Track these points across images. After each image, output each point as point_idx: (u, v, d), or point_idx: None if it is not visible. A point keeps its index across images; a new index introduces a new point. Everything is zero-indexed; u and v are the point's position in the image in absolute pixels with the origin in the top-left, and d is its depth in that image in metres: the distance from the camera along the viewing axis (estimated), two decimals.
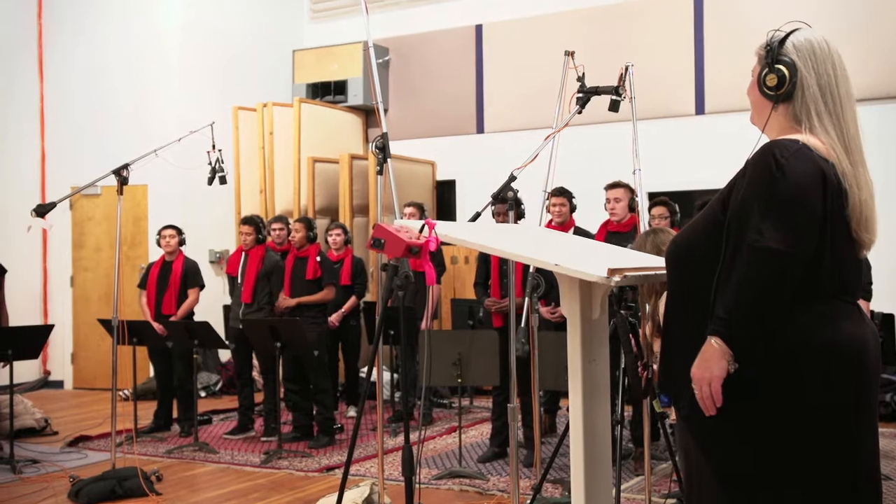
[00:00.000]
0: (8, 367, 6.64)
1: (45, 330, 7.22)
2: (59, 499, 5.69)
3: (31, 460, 6.67)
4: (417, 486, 2.78)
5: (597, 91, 4.28)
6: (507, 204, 3.85)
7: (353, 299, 7.91)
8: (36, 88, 10.72)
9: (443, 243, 2.70)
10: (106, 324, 6.91)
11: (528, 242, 3.00)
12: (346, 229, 8.16)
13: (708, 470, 2.29)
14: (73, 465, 6.56)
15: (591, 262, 2.69)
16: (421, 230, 2.49)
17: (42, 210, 5.60)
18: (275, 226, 7.86)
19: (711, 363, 2.16)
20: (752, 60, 2.44)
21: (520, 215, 5.81)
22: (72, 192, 6.90)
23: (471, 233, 2.84)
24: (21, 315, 7.46)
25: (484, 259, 6.38)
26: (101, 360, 10.23)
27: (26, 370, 10.08)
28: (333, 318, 7.67)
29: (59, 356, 10.62)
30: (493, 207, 4.19)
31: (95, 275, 10.55)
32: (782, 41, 2.31)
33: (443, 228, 2.55)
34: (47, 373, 10.73)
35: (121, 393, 7.49)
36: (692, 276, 2.33)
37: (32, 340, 6.90)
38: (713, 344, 2.17)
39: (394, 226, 2.52)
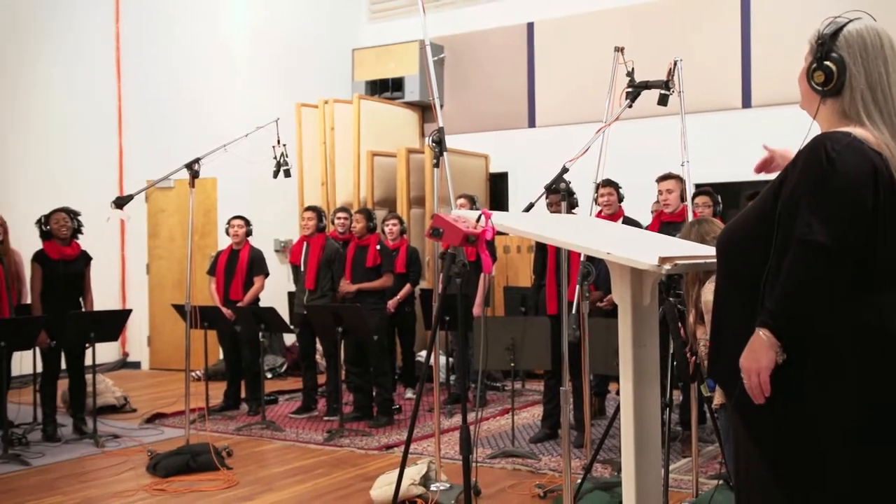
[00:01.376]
0: (91, 348, 6.79)
1: (124, 314, 7.34)
2: (139, 471, 5.80)
3: (113, 435, 6.82)
4: (474, 464, 2.78)
5: (647, 85, 4.22)
6: (560, 195, 3.81)
7: (407, 287, 7.91)
8: (114, 89, 10.90)
9: (498, 233, 2.69)
10: (179, 309, 7.02)
11: (581, 232, 2.97)
12: (401, 220, 8.18)
13: (757, 455, 2.24)
14: (150, 440, 6.69)
15: (641, 250, 2.66)
16: (478, 220, 2.48)
17: (121, 202, 5.70)
18: (339, 215, 7.91)
19: (760, 354, 2.11)
20: (800, 53, 2.36)
21: (572, 206, 5.75)
22: (147, 186, 7.01)
23: (525, 222, 2.82)
24: (102, 300, 7.59)
25: (541, 248, 6.34)
26: (174, 343, 10.40)
27: (107, 352, 10.29)
28: (390, 305, 7.69)
29: (137, 339, 10.82)
30: (546, 198, 4.15)
31: (169, 263, 10.73)
32: (834, 34, 2.22)
33: (498, 218, 2.54)
34: (126, 354, 10.94)
35: (193, 374, 7.61)
36: (742, 266, 2.27)
37: (113, 324, 7.02)
38: (761, 335, 2.12)
39: (451, 216, 2.51)
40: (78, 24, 10.46)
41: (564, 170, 3.87)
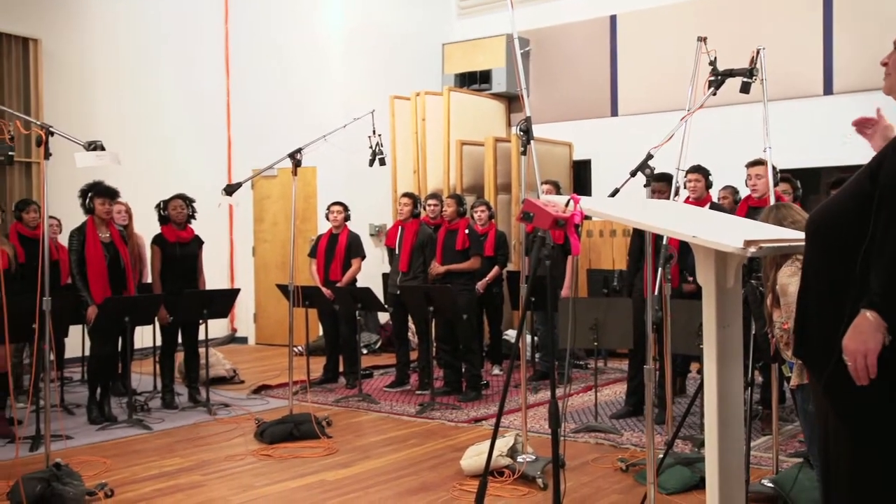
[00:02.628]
0: (204, 324, 7.00)
1: (233, 293, 7.54)
2: (247, 437, 5.97)
3: (223, 404, 7.02)
4: (562, 437, 2.77)
5: (731, 73, 4.11)
6: (663, 182, 3.74)
7: (496, 269, 7.88)
8: (223, 85, 11.18)
9: (585, 217, 2.66)
10: (283, 289, 7.17)
11: (666, 216, 2.92)
12: (489, 205, 8.14)
13: (847, 436, 2.14)
14: (257, 409, 6.86)
15: (726, 233, 2.60)
16: (567, 204, 2.45)
17: (230, 189, 5.85)
18: (430, 202, 7.94)
19: (867, 336, 2.00)
20: (883, 39, 2.26)
21: (677, 192, 5.66)
22: (253, 174, 7.16)
23: (612, 207, 2.78)
24: (212, 281, 7.82)
25: (638, 233, 6.24)
26: (278, 320, 10.65)
27: (218, 328, 10.60)
28: (479, 286, 7.69)
29: (244, 316, 11.10)
30: (648, 187, 4.08)
31: (273, 246, 10.96)
32: None
33: (587, 203, 2.51)
34: (234, 330, 11.24)
35: (296, 349, 7.76)
36: (833, 248, 2.18)
37: (223, 302, 7.21)
38: (868, 317, 2.01)
39: (541, 200, 2.49)
40: (191, 27, 10.74)
41: (649, 156, 3.80)
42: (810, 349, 2.22)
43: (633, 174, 3.82)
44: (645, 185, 3.82)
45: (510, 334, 9.28)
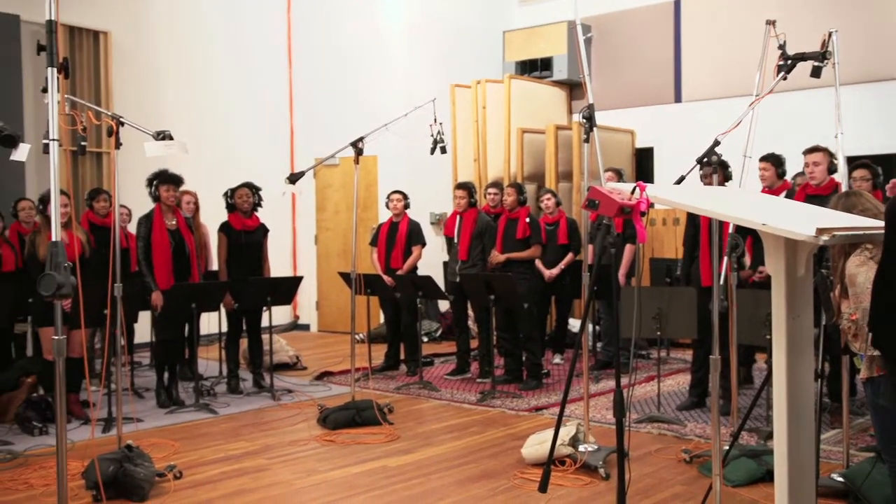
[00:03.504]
0: (268, 311, 7.10)
1: (297, 281, 7.63)
2: (310, 423, 6.05)
3: (287, 390, 7.13)
4: (628, 428, 2.74)
5: (803, 57, 3.99)
6: (712, 167, 3.67)
7: (570, 256, 7.75)
8: (286, 74, 11.30)
9: (650, 205, 2.62)
10: (345, 276, 7.22)
11: (735, 203, 2.86)
12: (555, 193, 8.09)
13: None
14: (319, 395, 6.96)
15: (796, 221, 2.54)
16: (632, 192, 2.42)
17: (294, 178, 5.91)
18: (490, 191, 7.92)
19: None
20: None
21: (726, 178, 5.54)
22: (316, 163, 7.23)
23: (679, 194, 2.73)
24: (276, 268, 7.93)
25: (692, 221, 6.14)
26: (340, 308, 10.76)
27: (281, 314, 10.77)
28: (552, 273, 7.62)
29: (307, 303, 11.24)
30: (700, 171, 4.00)
31: (335, 234, 11.06)
32: None
33: (653, 190, 2.47)
34: (297, 317, 11.39)
35: (357, 336, 7.83)
36: None
37: (286, 289, 7.30)
38: None
39: (607, 188, 2.46)
40: (254, 18, 10.88)
41: (716, 143, 3.73)
42: (888, 340, 2.16)
43: (700, 161, 3.75)
44: (713, 172, 3.74)
45: (572, 323, 9.22)
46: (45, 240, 5.87)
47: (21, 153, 3.43)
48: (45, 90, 2.51)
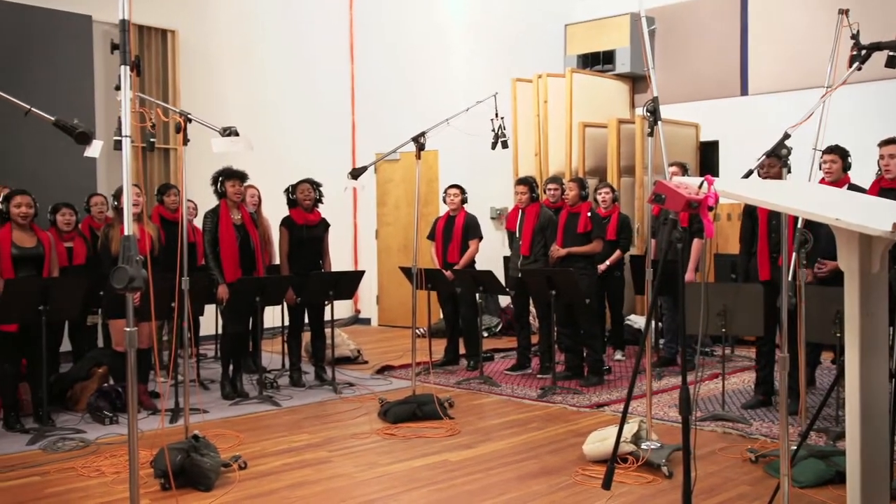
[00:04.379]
0: (330, 305, 7.18)
1: (358, 275, 7.68)
2: (371, 416, 6.10)
3: (348, 383, 7.20)
4: (694, 426, 2.70)
5: (878, 47, 3.87)
6: (781, 160, 3.58)
7: (618, 252, 7.78)
8: (347, 70, 11.40)
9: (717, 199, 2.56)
10: (406, 271, 7.27)
11: (805, 197, 2.79)
12: (613, 188, 8.03)
13: None
14: (380, 389, 7.01)
15: (871, 216, 2.46)
16: (700, 186, 2.38)
17: (356, 173, 5.95)
18: (550, 186, 7.88)
19: None
20: None
21: (788, 171, 5.40)
22: (378, 158, 7.27)
23: (748, 188, 2.68)
24: (337, 263, 8.01)
25: (749, 215, 6.02)
26: (400, 302, 10.82)
27: (342, 309, 10.88)
28: (600, 268, 7.59)
29: (367, 297, 11.33)
30: (758, 164, 3.90)
31: (395, 229, 11.13)
32: None
33: (721, 184, 2.43)
34: (358, 311, 11.49)
35: (418, 330, 7.86)
36: None
37: (348, 284, 7.37)
38: None
39: (674, 182, 2.43)
40: (317, 15, 11.00)
41: (786, 136, 3.64)
42: None
43: (769, 155, 3.67)
44: (783, 166, 3.65)
45: (632, 319, 9.12)
46: (117, 234, 6.03)
47: (94, 150, 3.53)
48: (118, 88, 2.57)
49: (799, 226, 4.55)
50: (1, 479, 4.65)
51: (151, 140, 4.82)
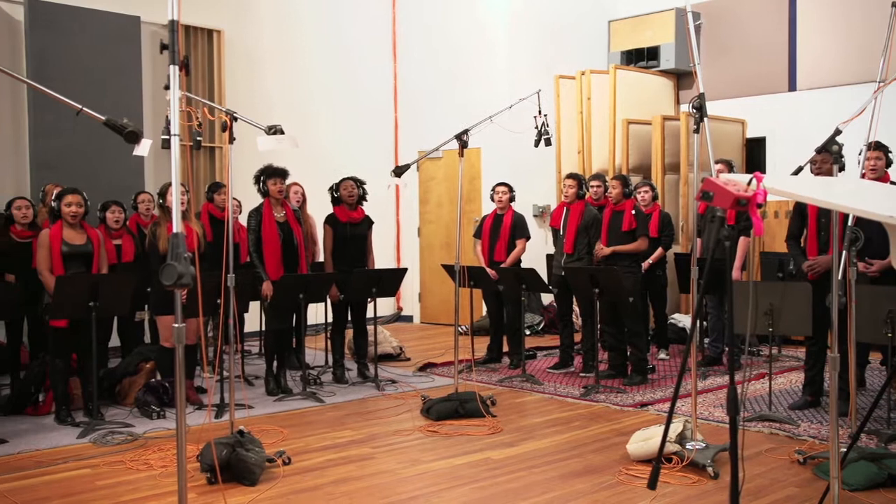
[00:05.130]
0: (373, 302, 7.21)
1: (401, 273, 7.71)
2: (414, 413, 6.12)
3: (391, 380, 7.23)
4: (741, 426, 2.66)
5: None
6: (833, 156, 3.52)
7: (659, 250, 7.70)
8: (390, 68, 11.44)
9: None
10: (449, 269, 7.26)
11: (857, 195, 2.73)
12: (653, 186, 7.93)
13: None
14: (422, 386, 7.03)
15: None
16: (749, 183, 2.34)
17: (399, 171, 5.96)
18: (593, 183, 7.83)
19: None
20: None
21: (841, 168, 5.31)
22: (421, 156, 7.28)
23: (798, 186, 2.63)
24: (379, 260, 8.04)
25: (799, 212, 5.92)
26: (442, 300, 10.84)
27: (384, 306, 10.93)
28: (643, 266, 7.52)
29: (409, 295, 11.37)
30: (810, 160, 3.82)
31: (437, 227, 11.14)
32: None
33: (770, 181, 2.38)
34: (400, 309, 11.53)
35: (460, 328, 7.87)
36: None
37: (391, 281, 7.39)
38: None
39: (722, 179, 2.39)
40: (360, 13, 11.05)
41: (837, 131, 3.57)
42: None
43: (819, 152, 3.60)
44: (834, 163, 3.59)
45: (676, 318, 9.03)
46: (165, 231, 6.12)
47: (143, 148, 3.58)
48: (167, 87, 2.61)
49: (850, 223, 4.46)
50: (53, 472, 4.76)
51: (198, 139, 4.88)
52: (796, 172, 3.72)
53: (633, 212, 7.18)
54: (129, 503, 4.23)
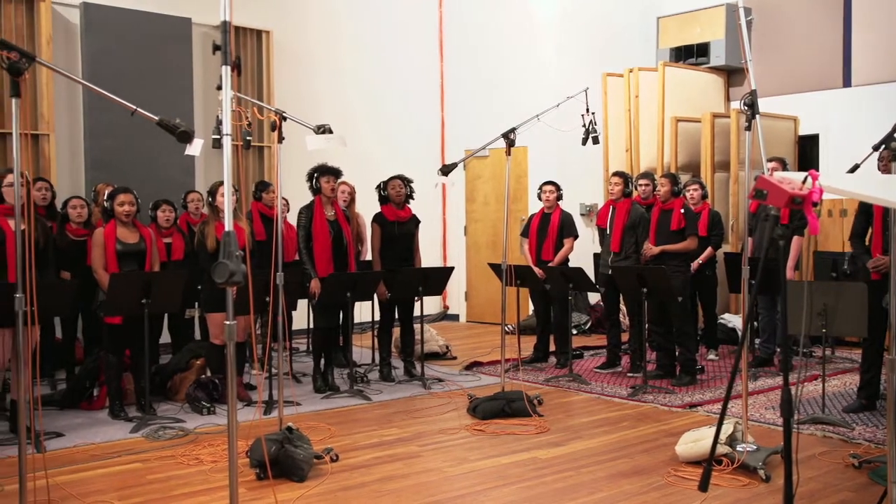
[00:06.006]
0: (420, 301, 7.22)
1: (448, 271, 7.70)
2: (460, 412, 6.12)
3: (437, 379, 7.25)
4: (795, 429, 2.61)
5: None
6: (893, 152, 3.43)
7: (709, 250, 7.59)
8: (437, 66, 11.46)
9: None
10: (495, 267, 7.25)
11: None
12: (702, 184, 7.83)
13: None
14: (469, 385, 7.03)
15: None
16: (804, 181, 2.30)
17: (447, 170, 5.97)
18: (641, 181, 7.75)
19: None
20: None
21: None
22: (468, 155, 7.29)
23: (855, 184, 2.57)
24: (426, 259, 8.05)
25: (864, 211, 5.78)
26: (489, 299, 10.83)
27: (431, 304, 10.96)
28: (693, 265, 7.43)
29: (456, 294, 11.37)
30: (878, 158, 3.71)
31: (484, 225, 11.13)
32: None
33: (826, 179, 2.34)
34: (446, 307, 11.54)
35: (507, 327, 7.85)
36: None
37: (438, 280, 7.38)
38: None
39: (776, 177, 2.35)
40: (406, 11, 11.08)
41: None
42: None
43: (877, 149, 3.52)
44: (892, 160, 3.50)
45: (726, 318, 8.90)
46: (213, 230, 6.20)
47: (195, 148, 3.64)
48: (219, 87, 2.65)
49: None
50: (107, 465, 4.86)
51: (248, 138, 4.94)
52: (852, 170, 3.64)
53: (682, 211, 7.10)
54: (180, 497, 4.30)
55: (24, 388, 3.64)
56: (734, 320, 8.87)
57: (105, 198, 6.13)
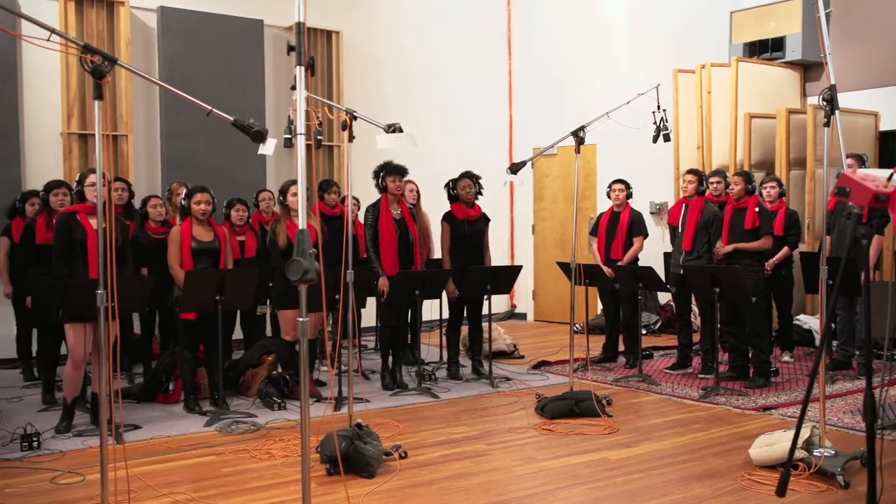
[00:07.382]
0: (488, 299, 7.21)
1: (516, 270, 7.68)
2: (528, 411, 6.10)
3: (505, 378, 7.23)
4: (879, 434, 2.53)
5: None
6: None
7: (785, 249, 7.42)
8: (505, 64, 11.44)
9: None
10: (564, 266, 7.20)
11: None
12: (780, 182, 7.66)
13: None
14: (536, 384, 7.00)
15: None
16: (889, 178, 2.22)
17: (515, 168, 5.95)
18: (713, 179, 7.60)
19: None
20: None
21: None
22: (537, 153, 7.24)
23: None
24: (494, 257, 8.03)
25: None
26: (557, 298, 10.76)
27: (498, 303, 10.95)
28: (767, 266, 7.27)
29: (523, 292, 11.33)
30: None
31: (552, 224, 11.07)
32: None
33: None
34: (514, 306, 11.52)
35: (575, 326, 7.79)
36: None
37: (506, 279, 7.37)
38: None
39: (859, 175, 2.28)
40: (474, 10, 11.09)
41: None
42: None
43: None
44: None
45: (802, 319, 8.67)
46: (284, 228, 6.30)
47: (268, 147, 3.70)
48: (293, 88, 2.68)
49: None
50: (182, 457, 4.98)
51: (318, 138, 5.00)
52: None
53: (757, 209, 6.94)
54: (253, 490, 4.38)
55: (104, 381, 3.74)
56: (810, 321, 8.64)
57: (183, 196, 6.27)
